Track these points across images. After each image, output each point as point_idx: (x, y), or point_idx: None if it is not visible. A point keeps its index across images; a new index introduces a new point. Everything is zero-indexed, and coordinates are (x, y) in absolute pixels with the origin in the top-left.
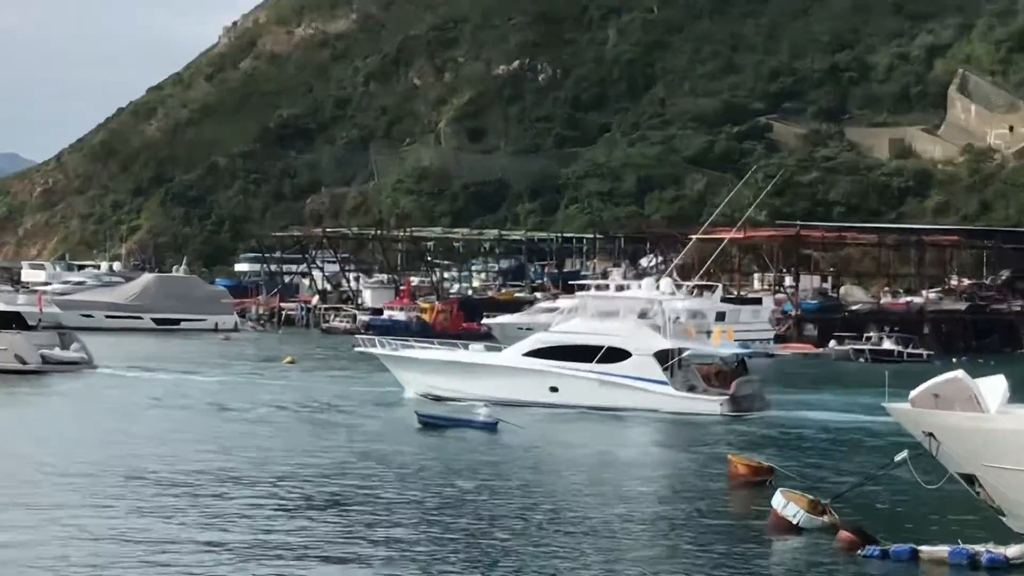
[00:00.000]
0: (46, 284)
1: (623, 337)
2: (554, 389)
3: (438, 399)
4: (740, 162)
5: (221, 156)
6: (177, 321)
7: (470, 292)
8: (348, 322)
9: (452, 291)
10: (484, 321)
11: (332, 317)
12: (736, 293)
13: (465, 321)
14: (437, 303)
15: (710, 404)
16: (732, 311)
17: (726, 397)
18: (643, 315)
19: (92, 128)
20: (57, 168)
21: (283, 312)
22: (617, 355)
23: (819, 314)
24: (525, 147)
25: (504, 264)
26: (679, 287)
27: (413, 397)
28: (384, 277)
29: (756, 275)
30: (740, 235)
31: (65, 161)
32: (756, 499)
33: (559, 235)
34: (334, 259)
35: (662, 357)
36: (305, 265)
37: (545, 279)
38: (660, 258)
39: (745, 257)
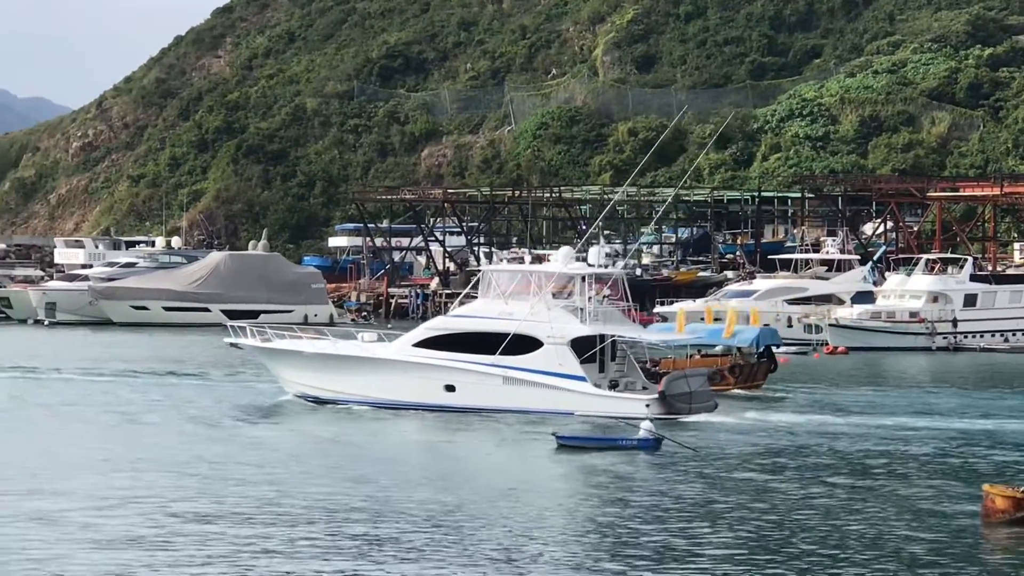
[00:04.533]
0: (86, 267)
1: (533, 322)
2: (450, 388)
3: (317, 401)
4: (995, 96)
5: (309, 98)
6: (255, 313)
7: (639, 271)
8: None
9: None
10: (658, 309)
11: (456, 306)
12: (991, 269)
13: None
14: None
15: (633, 404)
16: (985, 292)
17: (654, 396)
18: (559, 295)
19: (142, 64)
20: (98, 116)
21: (392, 300)
22: (526, 344)
23: None
24: (709, 79)
25: (683, 234)
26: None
27: (292, 398)
28: (524, 252)
29: (1018, 245)
30: (996, 191)
31: (108, 107)
32: (1019, 542)
33: (755, 195)
34: (458, 229)
35: (581, 346)
36: (421, 238)
37: (738, 253)
38: (889, 223)
39: (1003, 220)
